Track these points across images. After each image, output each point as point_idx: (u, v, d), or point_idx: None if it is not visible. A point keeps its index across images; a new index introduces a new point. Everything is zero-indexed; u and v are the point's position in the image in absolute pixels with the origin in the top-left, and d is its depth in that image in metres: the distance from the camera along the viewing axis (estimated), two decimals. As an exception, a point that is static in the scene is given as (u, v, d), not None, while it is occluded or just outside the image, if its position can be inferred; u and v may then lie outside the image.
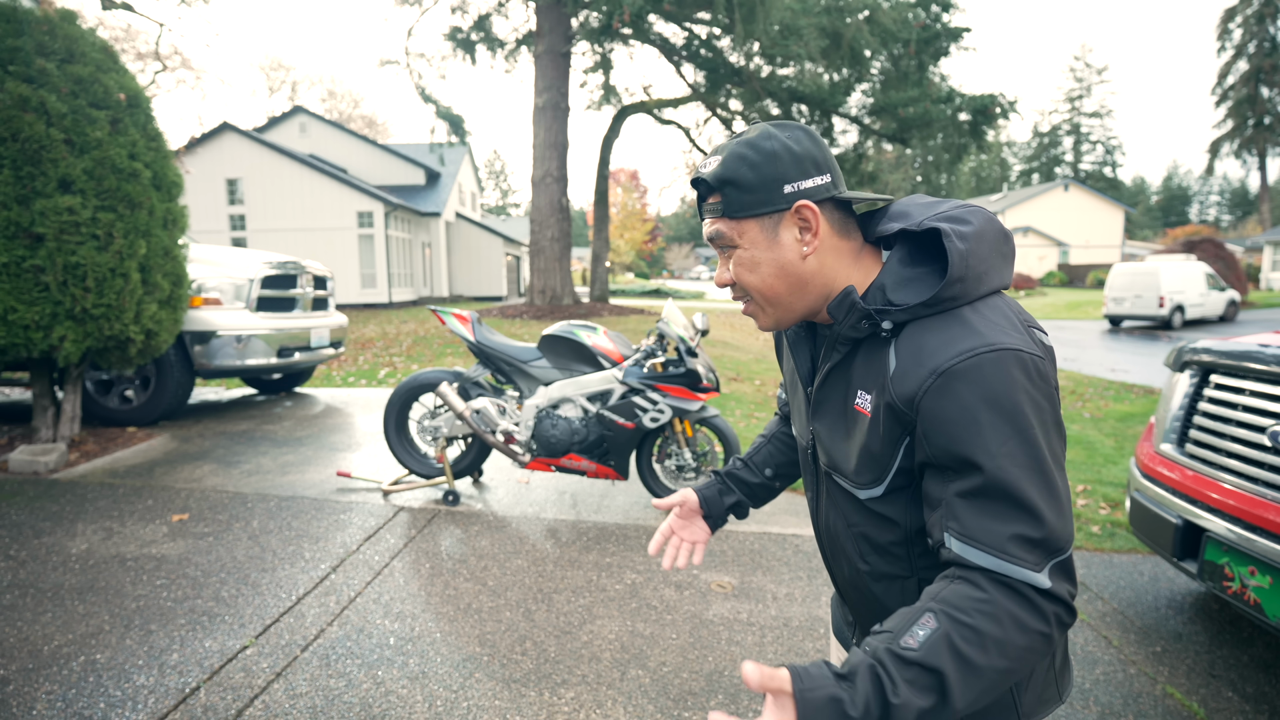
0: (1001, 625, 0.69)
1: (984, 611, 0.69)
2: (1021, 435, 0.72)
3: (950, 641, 0.68)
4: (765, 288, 0.87)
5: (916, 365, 0.76)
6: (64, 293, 3.84)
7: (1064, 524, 0.73)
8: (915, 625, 0.70)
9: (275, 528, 3.21)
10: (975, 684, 0.68)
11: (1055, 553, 0.72)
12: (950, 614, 0.69)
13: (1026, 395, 0.73)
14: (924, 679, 0.67)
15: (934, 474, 0.78)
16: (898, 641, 0.69)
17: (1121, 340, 14.71)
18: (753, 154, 0.82)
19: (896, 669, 0.67)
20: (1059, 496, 0.73)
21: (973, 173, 66.67)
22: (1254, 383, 2.20)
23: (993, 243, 0.82)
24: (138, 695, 1.98)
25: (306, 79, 60.63)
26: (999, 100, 13.45)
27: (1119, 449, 5.24)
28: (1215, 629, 2.61)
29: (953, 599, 0.71)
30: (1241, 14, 41.73)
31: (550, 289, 14.01)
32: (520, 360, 3.66)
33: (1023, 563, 0.71)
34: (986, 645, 0.68)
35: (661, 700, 2.06)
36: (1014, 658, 0.70)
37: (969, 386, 0.73)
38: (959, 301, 0.78)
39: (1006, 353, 0.73)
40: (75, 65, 3.95)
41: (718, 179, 0.83)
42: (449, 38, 15.78)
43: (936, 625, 0.69)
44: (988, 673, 0.68)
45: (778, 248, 0.84)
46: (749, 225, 0.84)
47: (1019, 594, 0.71)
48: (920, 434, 0.77)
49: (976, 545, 0.73)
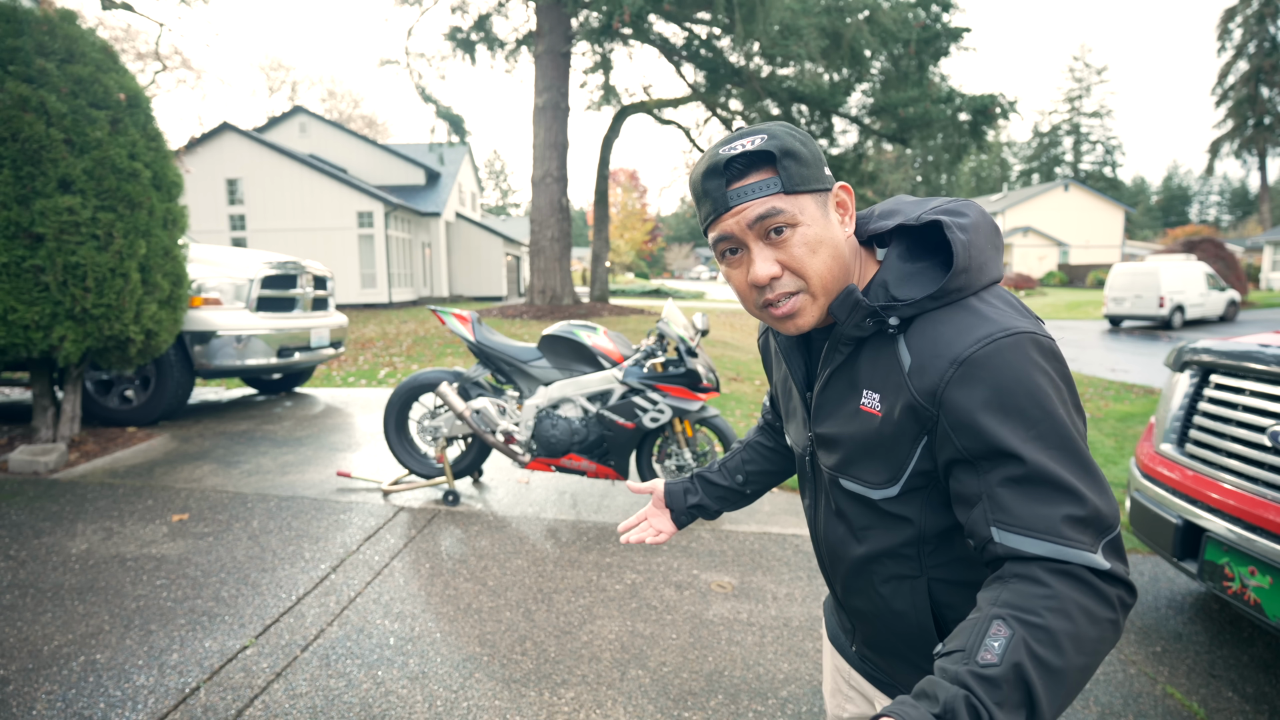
0: (1073, 620, 0.65)
1: (1052, 608, 0.65)
2: (1051, 417, 0.71)
3: (1028, 647, 0.63)
4: (826, 271, 0.81)
5: (934, 357, 0.75)
6: (64, 293, 3.84)
7: (1107, 500, 0.71)
8: (987, 637, 0.65)
9: (275, 528, 3.21)
10: (1059, 688, 0.64)
11: (1106, 530, 0.70)
12: (1020, 618, 0.65)
13: (1047, 376, 0.73)
14: (1013, 695, 0.62)
15: (966, 469, 0.75)
16: (974, 660, 0.63)
17: (1121, 340, 14.71)
18: (797, 132, 0.80)
19: (985, 692, 0.61)
20: (1097, 473, 0.72)
21: (973, 173, 66.67)
22: (1254, 383, 2.20)
23: (987, 235, 0.82)
24: (138, 695, 1.98)
25: (306, 79, 60.67)
26: (999, 100, 13.45)
27: (1119, 449, 5.24)
28: (1215, 629, 2.61)
29: (1017, 601, 0.66)
30: (1241, 14, 41.72)
31: (550, 289, 14.00)
32: (520, 360, 3.66)
33: (1079, 544, 0.68)
34: (1062, 644, 0.64)
35: (661, 700, 2.06)
36: (1090, 652, 0.66)
37: (992, 372, 0.72)
38: (965, 292, 0.78)
39: (1023, 336, 0.73)
40: (75, 65, 3.95)
41: (781, 150, 0.77)
42: (449, 38, 15.77)
43: (1010, 632, 0.64)
44: (1068, 673, 0.64)
45: (831, 226, 0.81)
46: (806, 202, 0.79)
47: (1081, 581, 0.67)
48: (945, 428, 0.75)
49: (1030, 534, 0.69)
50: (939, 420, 0.75)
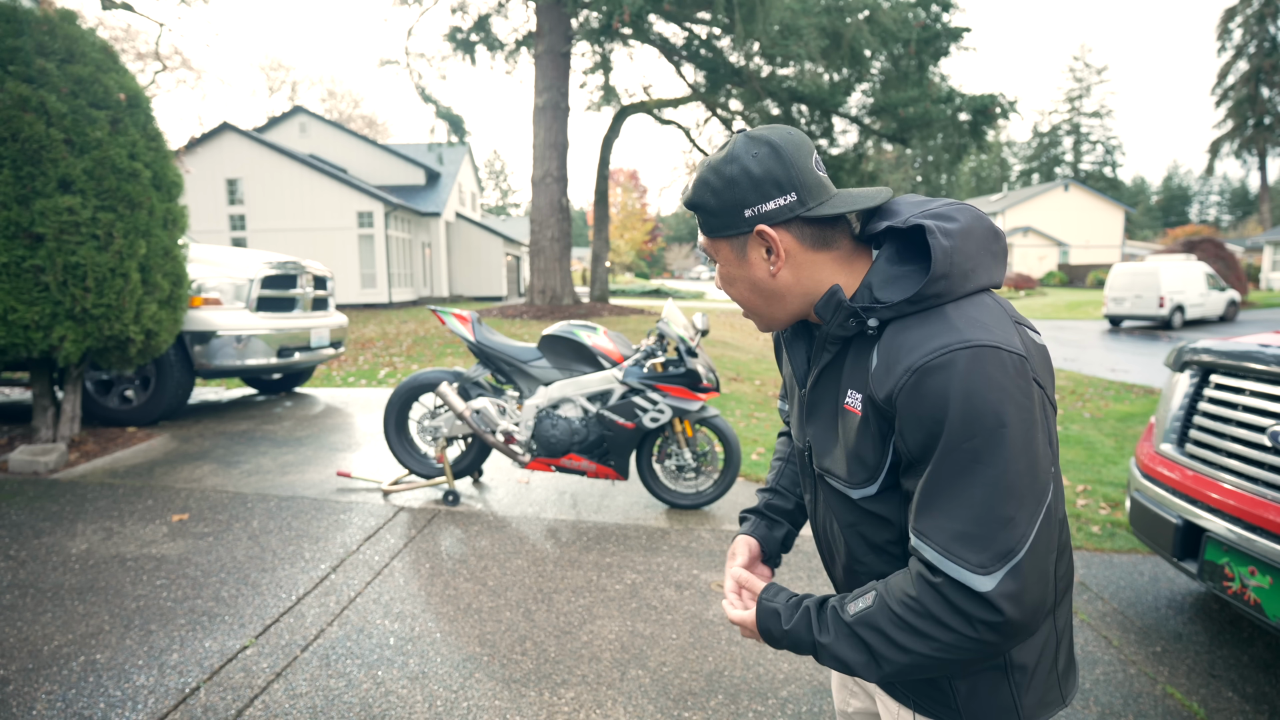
0: (923, 620, 0.74)
1: (909, 606, 0.75)
2: (989, 433, 0.71)
3: (877, 622, 0.78)
4: (742, 300, 0.91)
5: (894, 363, 0.77)
6: (64, 293, 3.83)
7: (1018, 527, 0.71)
8: (860, 598, 0.81)
9: (275, 528, 3.21)
10: (900, 659, 0.76)
11: (1006, 555, 0.71)
12: (885, 598, 0.78)
13: (1002, 393, 0.71)
14: (853, 641, 0.79)
15: (909, 469, 0.79)
16: (844, 603, 0.82)
17: (1121, 340, 14.71)
18: (715, 180, 0.84)
19: (832, 620, 0.82)
20: (1021, 497, 0.71)
21: (973, 173, 66.67)
22: (1254, 383, 2.20)
23: (981, 240, 0.81)
24: (138, 695, 1.98)
25: (306, 79, 60.69)
26: (999, 100, 13.45)
27: (1119, 449, 5.24)
28: (1215, 629, 2.61)
29: (893, 586, 0.79)
30: (1241, 14, 41.72)
31: (550, 289, 14.00)
32: (520, 360, 3.66)
33: (963, 563, 0.71)
34: (909, 632, 0.75)
35: (661, 700, 2.06)
36: (938, 649, 0.74)
37: (940, 383, 0.72)
38: (944, 299, 0.78)
39: (984, 349, 0.72)
40: (75, 65, 3.95)
41: (689, 204, 0.88)
42: (449, 38, 15.77)
43: (871, 604, 0.79)
44: (913, 654, 0.76)
45: (747, 266, 0.87)
46: (721, 245, 0.88)
47: (940, 593, 0.73)
48: (898, 430, 0.78)
49: (924, 539, 0.75)
50: (895, 422, 0.78)
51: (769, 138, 0.82)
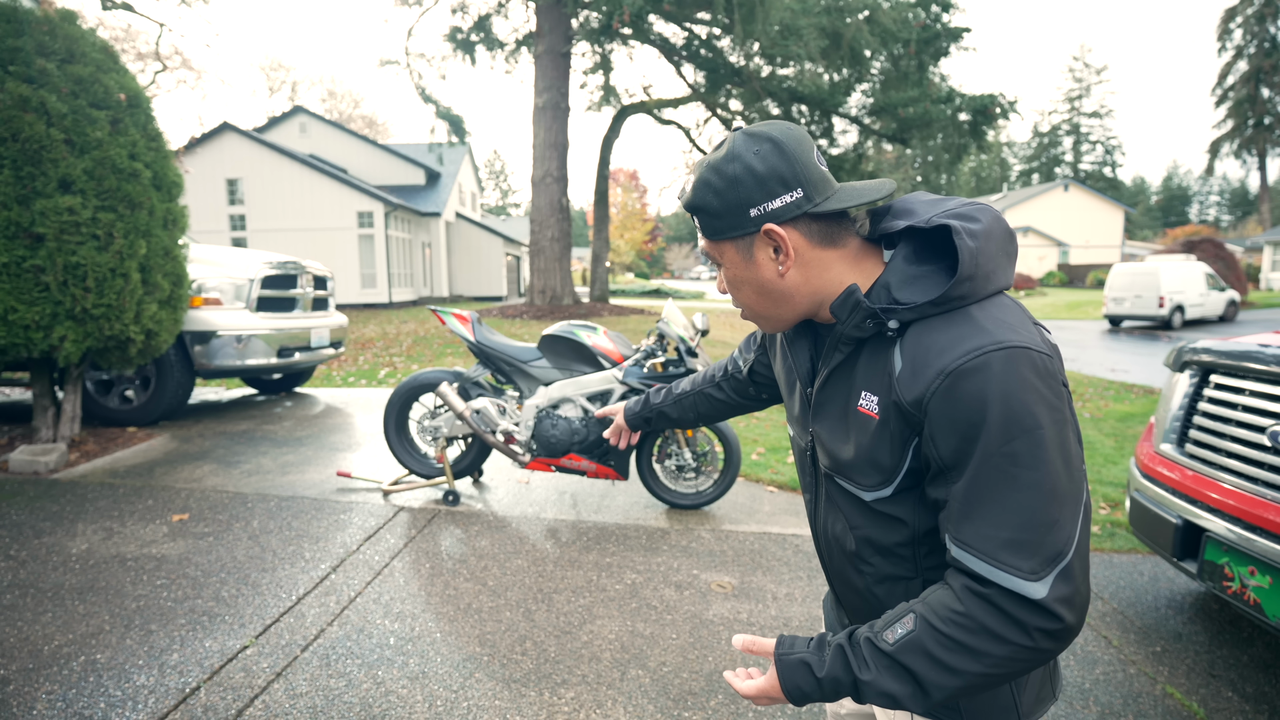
0: (975, 636, 0.71)
1: (958, 623, 0.72)
2: (1028, 435, 0.70)
3: (923, 646, 0.73)
4: (749, 303, 0.89)
5: (924, 366, 0.75)
6: (64, 293, 3.84)
7: (1064, 529, 0.70)
8: (897, 624, 0.76)
9: (275, 528, 3.21)
10: (950, 682, 0.72)
11: (1055, 558, 0.70)
12: (928, 619, 0.74)
13: (1036, 394, 0.71)
14: (897, 671, 0.74)
15: (940, 476, 0.76)
16: (879, 634, 0.76)
17: (1121, 340, 14.71)
18: (716, 180, 0.81)
19: (870, 654, 0.75)
20: (1062, 499, 0.71)
21: (973, 173, 66.66)
22: (1254, 383, 2.20)
23: (1000, 242, 0.80)
24: (138, 695, 1.98)
25: (306, 79, 60.72)
26: (999, 100, 13.45)
27: (1119, 449, 5.24)
28: (1215, 629, 2.61)
29: (934, 604, 0.75)
30: (1241, 14, 41.72)
31: (550, 289, 14.01)
32: (520, 360, 3.66)
33: (1015, 571, 0.70)
34: (960, 652, 0.72)
35: (661, 700, 2.06)
36: (992, 665, 0.71)
37: (976, 386, 0.71)
38: (967, 300, 0.77)
39: (1016, 350, 0.72)
40: (75, 65, 3.95)
41: (689, 206, 0.85)
42: (449, 38, 15.78)
43: (913, 628, 0.74)
44: (964, 675, 0.72)
45: (754, 267, 0.85)
46: (725, 247, 0.86)
47: (995, 604, 0.70)
48: (928, 435, 0.75)
49: (970, 550, 0.72)
50: (924, 426, 0.76)
51: (770, 134, 0.80)
